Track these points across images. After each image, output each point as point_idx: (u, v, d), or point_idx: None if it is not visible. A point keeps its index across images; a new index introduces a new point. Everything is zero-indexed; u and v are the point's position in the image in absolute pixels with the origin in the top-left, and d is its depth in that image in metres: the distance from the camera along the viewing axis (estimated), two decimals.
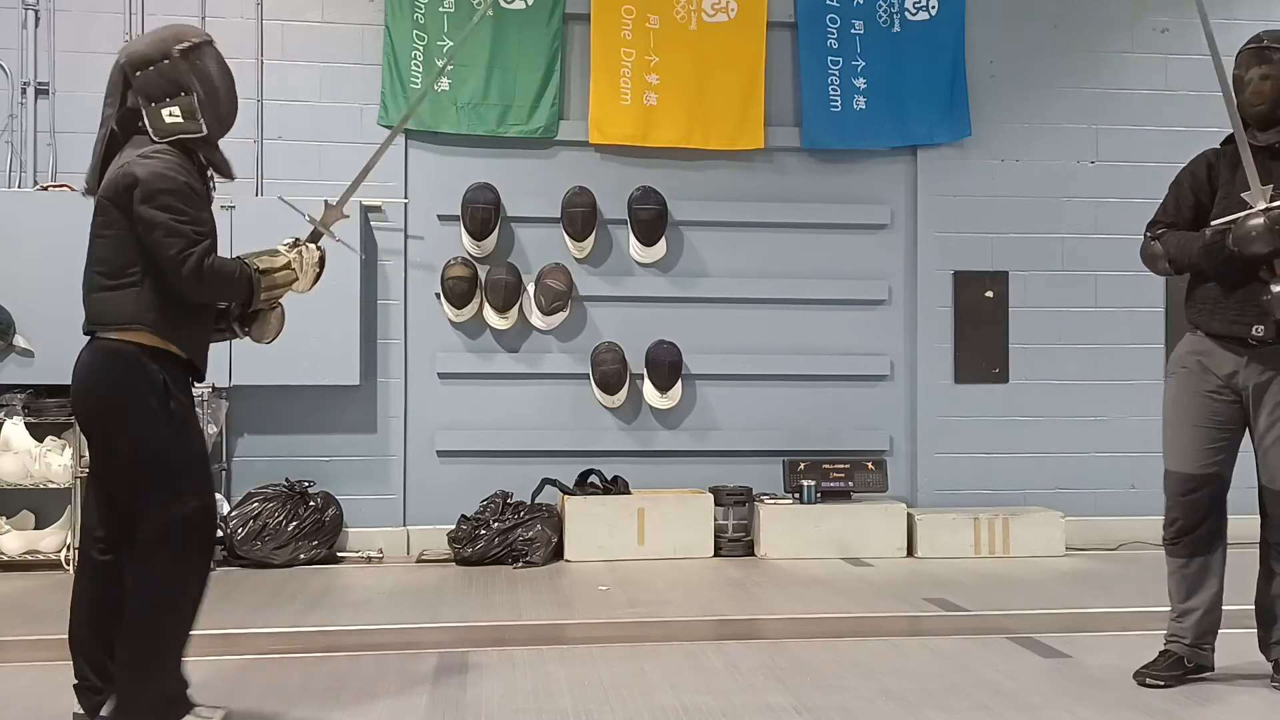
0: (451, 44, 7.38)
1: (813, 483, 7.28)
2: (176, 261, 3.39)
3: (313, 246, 3.81)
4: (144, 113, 3.52)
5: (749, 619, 5.56)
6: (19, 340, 6.65)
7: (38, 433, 6.71)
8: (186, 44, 3.56)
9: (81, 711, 3.59)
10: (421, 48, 7.38)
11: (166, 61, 3.52)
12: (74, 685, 3.60)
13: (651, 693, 4.11)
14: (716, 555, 7.14)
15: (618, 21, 7.51)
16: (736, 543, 7.21)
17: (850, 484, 7.37)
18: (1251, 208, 3.90)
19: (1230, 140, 4.17)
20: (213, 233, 3.54)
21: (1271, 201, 3.88)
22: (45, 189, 6.91)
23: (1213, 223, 4.05)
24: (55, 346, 6.64)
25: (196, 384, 3.73)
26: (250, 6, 7.33)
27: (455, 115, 7.40)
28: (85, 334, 3.59)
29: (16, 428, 6.66)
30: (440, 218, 7.41)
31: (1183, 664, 4.20)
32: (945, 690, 4.15)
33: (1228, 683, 4.23)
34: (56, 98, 7.15)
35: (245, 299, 3.63)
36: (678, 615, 5.56)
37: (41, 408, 6.73)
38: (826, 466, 7.38)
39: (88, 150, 3.68)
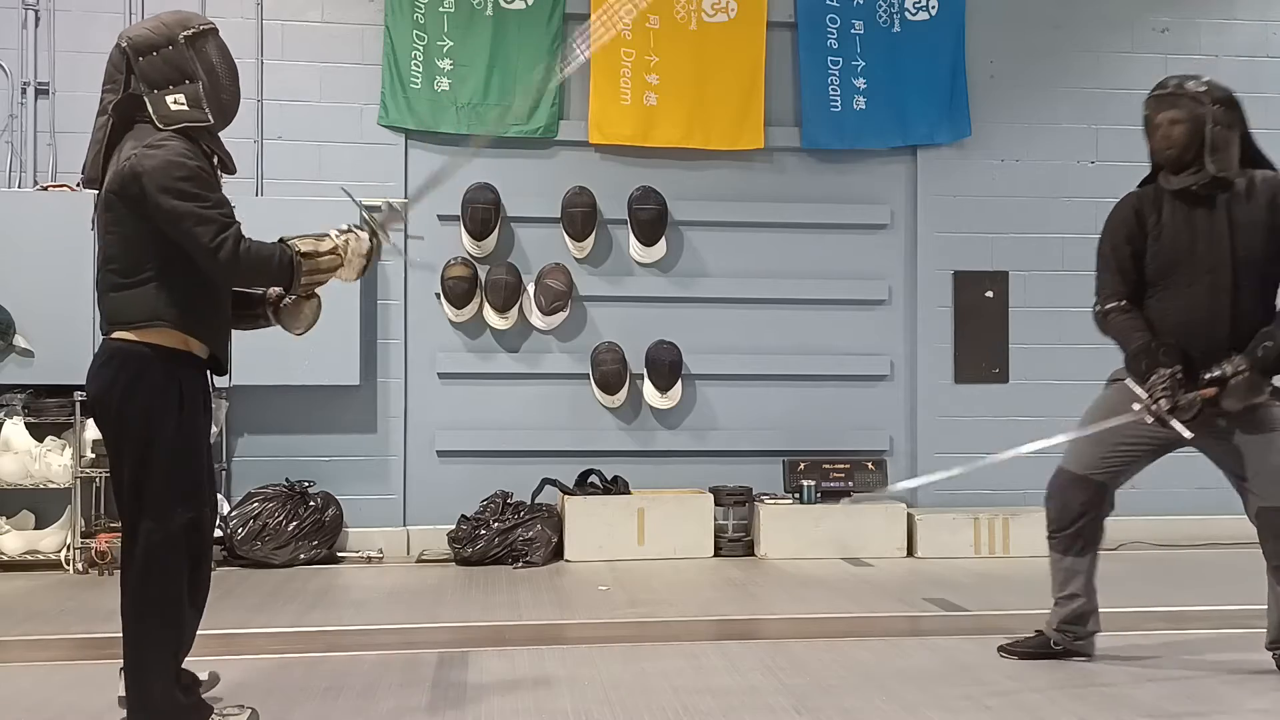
0: (452, 43, 7.39)
1: (813, 483, 7.29)
2: (212, 249, 3.28)
3: (363, 234, 3.60)
4: (147, 100, 3.40)
5: (749, 619, 5.56)
6: (19, 340, 6.65)
7: (38, 433, 6.71)
8: (191, 30, 3.46)
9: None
10: (421, 48, 7.38)
11: (171, 47, 3.42)
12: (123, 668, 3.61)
13: (651, 693, 4.11)
14: (716, 555, 7.14)
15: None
16: (736, 543, 7.21)
17: (850, 484, 7.37)
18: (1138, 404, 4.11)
19: (1147, 181, 4.32)
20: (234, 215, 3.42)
21: (1154, 399, 4.04)
22: (45, 189, 6.91)
23: (1128, 381, 4.23)
24: (55, 346, 6.66)
25: (218, 377, 3.65)
26: (250, 6, 7.32)
27: (455, 115, 7.40)
28: (102, 332, 3.51)
29: (16, 428, 6.65)
30: (440, 218, 7.41)
31: (1049, 645, 4.48)
32: (945, 690, 4.15)
33: (1229, 683, 4.23)
34: (56, 98, 7.15)
35: (285, 283, 3.47)
36: (678, 615, 5.56)
37: (41, 408, 6.73)
38: (826, 466, 7.38)
39: (87, 150, 3.64)
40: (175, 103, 3.40)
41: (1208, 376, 4.05)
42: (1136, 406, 4.10)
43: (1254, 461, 4.12)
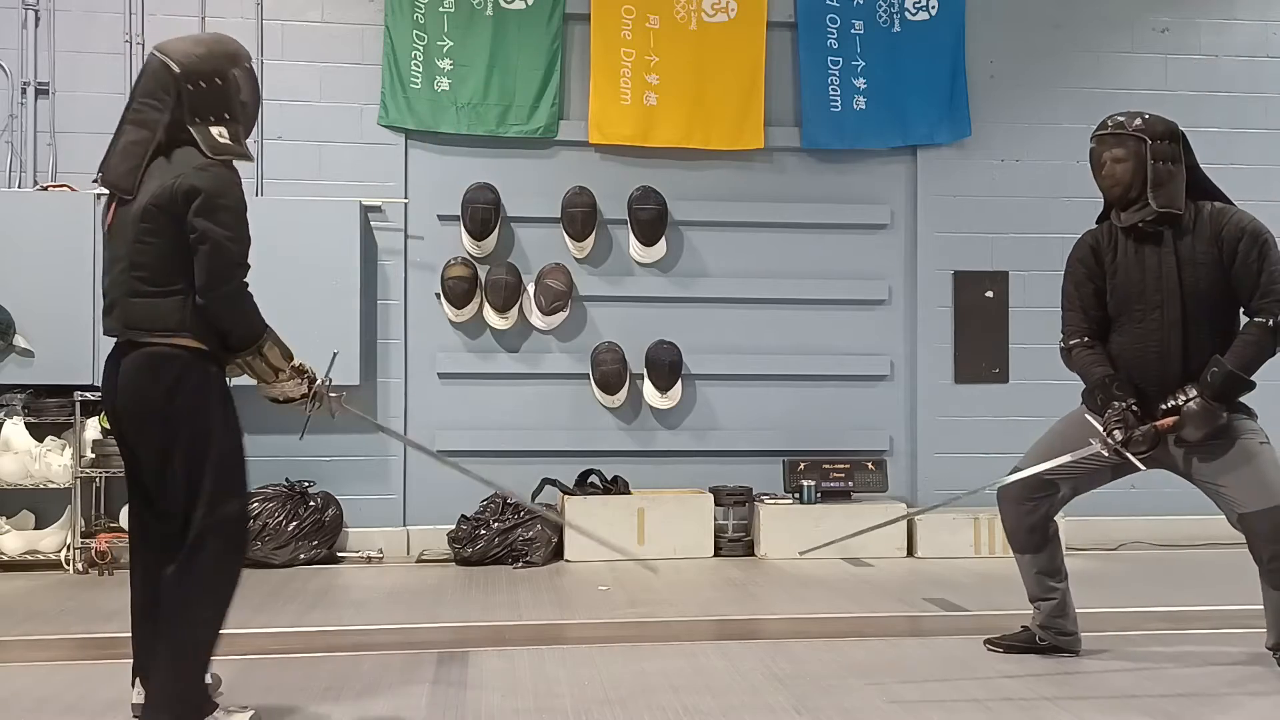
0: (452, 43, 7.40)
1: (813, 483, 7.28)
2: (220, 278, 3.43)
3: (302, 385, 3.77)
4: (192, 128, 3.50)
5: (749, 619, 5.56)
6: (19, 340, 6.64)
7: (38, 433, 6.71)
8: (241, 69, 3.62)
9: (140, 702, 3.66)
10: (421, 48, 7.38)
11: (220, 80, 3.55)
12: (136, 680, 3.70)
13: (651, 693, 4.11)
14: (716, 555, 7.14)
15: (618, 21, 7.51)
16: (736, 543, 7.21)
17: (850, 484, 7.37)
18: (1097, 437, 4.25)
19: (1104, 218, 4.46)
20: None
21: (1108, 431, 4.19)
22: (45, 189, 6.91)
23: (1086, 414, 4.37)
24: (55, 346, 6.66)
25: None
26: (250, 6, 7.32)
27: (455, 115, 7.40)
28: (113, 336, 3.60)
29: (16, 428, 6.65)
30: (440, 218, 7.41)
31: (1034, 640, 4.61)
32: (945, 690, 4.15)
33: (1229, 682, 4.24)
34: (56, 98, 7.14)
35: (234, 349, 3.59)
36: (678, 615, 5.56)
37: (41, 408, 6.73)
38: (826, 466, 7.38)
39: (88, 150, 3.66)
40: (220, 135, 3.53)
41: (1164, 408, 4.22)
42: (1093, 440, 4.25)
43: (1226, 472, 4.20)
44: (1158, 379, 4.26)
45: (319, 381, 3.84)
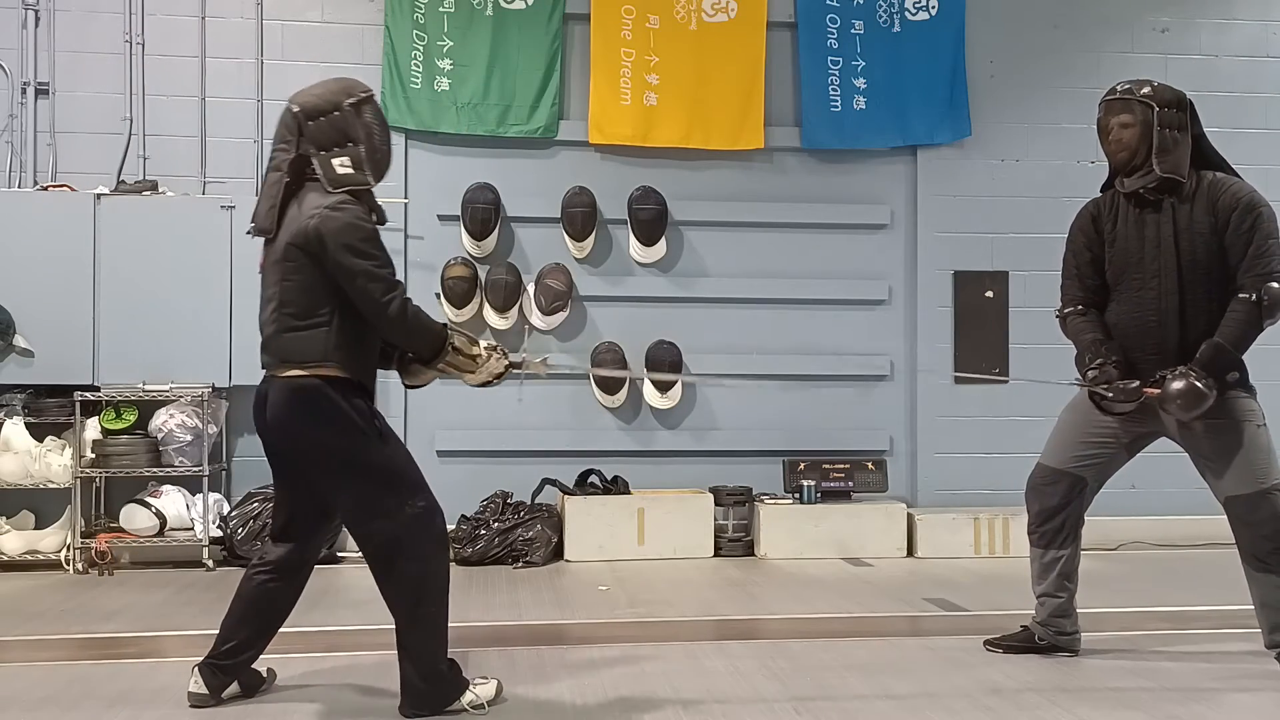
0: (452, 43, 7.40)
1: (813, 483, 7.29)
2: (383, 305, 3.69)
3: (504, 359, 4.03)
4: (315, 161, 3.75)
5: (749, 619, 5.56)
6: (19, 340, 6.65)
7: (38, 433, 6.71)
8: (355, 98, 3.83)
9: (203, 690, 3.89)
10: (421, 48, 7.38)
11: (337, 113, 3.79)
12: (201, 664, 3.92)
13: (651, 693, 4.11)
14: (716, 555, 7.14)
15: (618, 21, 7.51)
16: (736, 543, 7.21)
17: (850, 484, 7.37)
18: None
19: (1108, 187, 4.47)
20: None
21: (1083, 372, 4.31)
22: (45, 189, 6.91)
23: (1084, 375, 4.42)
24: (55, 346, 6.66)
25: None
26: (250, 6, 7.33)
27: (455, 115, 7.40)
28: (267, 369, 3.83)
29: (16, 428, 6.66)
30: (440, 218, 7.41)
31: (1034, 639, 4.59)
32: (945, 690, 4.15)
33: (1228, 682, 4.24)
34: (56, 98, 7.15)
35: (426, 357, 3.91)
36: (678, 615, 5.56)
37: (41, 408, 6.73)
38: (826, 466, 7.38)
39: (88, 150, 3.70)
40: (341, 166, 3.76)
41: (1153, 380, 4.22)
42: (1078, 390, 4.33)
43: (1220, 452, 4.22)
44: (1156, 348, 4.26)
45: (519, 353, 4.11)
